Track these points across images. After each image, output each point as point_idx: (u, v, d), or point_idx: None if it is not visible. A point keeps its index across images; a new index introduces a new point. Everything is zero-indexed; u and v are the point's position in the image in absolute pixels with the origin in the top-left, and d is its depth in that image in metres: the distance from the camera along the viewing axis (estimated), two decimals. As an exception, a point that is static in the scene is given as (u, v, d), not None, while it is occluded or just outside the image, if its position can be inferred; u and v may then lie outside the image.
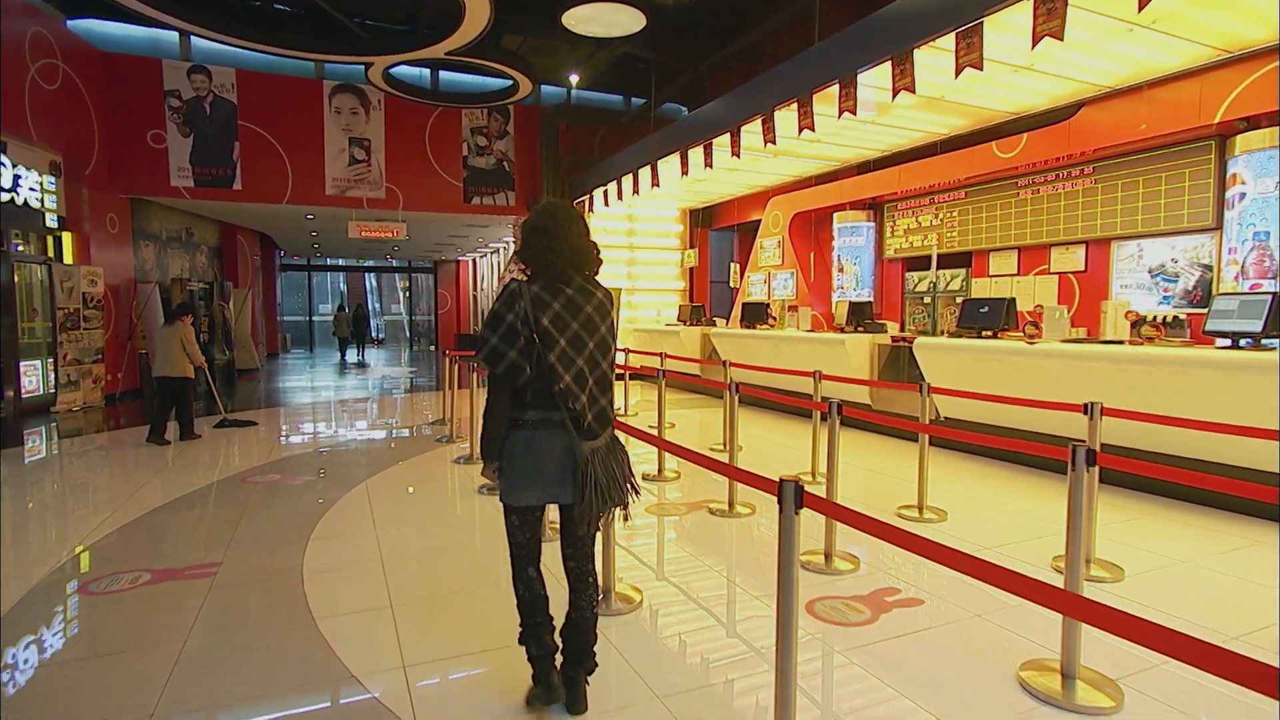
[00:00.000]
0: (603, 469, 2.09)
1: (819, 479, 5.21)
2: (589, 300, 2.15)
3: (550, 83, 13.03)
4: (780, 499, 1.81)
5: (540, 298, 2.06)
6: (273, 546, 3.79)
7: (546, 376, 2.04)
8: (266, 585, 3.27)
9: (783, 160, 9.32)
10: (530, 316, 2.02)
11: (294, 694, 2.37)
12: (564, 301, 2.09)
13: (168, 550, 3.76)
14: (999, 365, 5.52)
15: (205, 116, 10.46)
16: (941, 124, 7.55)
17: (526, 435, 2.08)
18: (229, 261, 14.79)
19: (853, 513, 1.79)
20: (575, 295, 2.12)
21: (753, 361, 8.55)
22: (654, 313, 13.04)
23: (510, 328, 2.03)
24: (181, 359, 6.60)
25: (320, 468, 5.83)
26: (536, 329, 2.02)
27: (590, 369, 2.12)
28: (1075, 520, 2.28)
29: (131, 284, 10.57)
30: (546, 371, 2.04)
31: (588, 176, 11.74)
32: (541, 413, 2.08)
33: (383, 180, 11.67)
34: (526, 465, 2.07)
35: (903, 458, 5.92)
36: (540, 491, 2.09)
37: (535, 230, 2.12)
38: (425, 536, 3.99)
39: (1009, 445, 3.21)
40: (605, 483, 2.08)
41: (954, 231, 8.70)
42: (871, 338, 7.35)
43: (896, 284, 9.82)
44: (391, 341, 27.51)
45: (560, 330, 2.06)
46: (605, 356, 2.18)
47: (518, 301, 2.04)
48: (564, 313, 2.08)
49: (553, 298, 2.08)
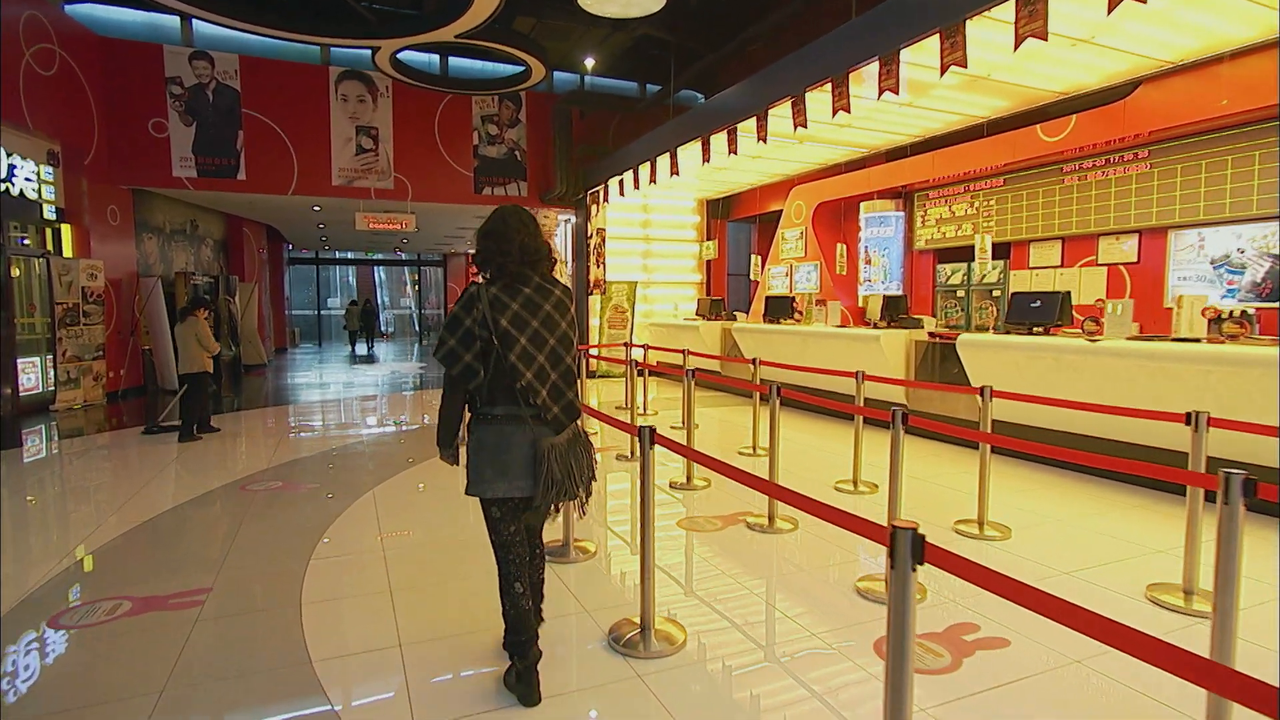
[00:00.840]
0: (560, 464, 2.17)
1: (862, 488, 4.81)
2: (547, 298, 2.23)
3: (563, 69, 12.60)
4: (892, 553, 1.41)
5: (499, 299, 2.15)
6: (268, 569, 3.43)
7: (509, 374, 2.13)
8: (258, 619, 2.91)
9: (808, 147, 8.87)
10: (489, 319, 2.11)
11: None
12: (522, 301, 2.17)
13: (153, 573, 3.41)
14: (1055, 365, 5.09)
15: (208, 104, 10.11)
16: (983, 106, 7.08)
17: (495, 430, 2.17)
18: (235, 255, 14.48)
19: (989, 572, 1.39)
20: (533, 294, 2.20)
21: (778, 358, 8.14)
22: (670, 307, 12.63)
23: (467, 331, 2.12)
24: (199, 354, 6.54)
25: (325, 473, 5.48)
26: (496, 330, 2.11)
27: (552, 364, 2.20)
28: (1227, 566, 1.86)
29: (134, 278, 10.27)
30: (508, 370, 2.12)
31: (602, 166, 11.32)
32: (508, 408, 2.17)
33: (391, 170, 11.30)
34: (494, 459, 2.16)
35: (945, 463, 5.51)
36: (507, 484, 2.17)
37: (486, 234, 2.23)
38: (439, 558, 3.62)
39: (1101, 462, 2.78)
40: (561, 477, 2.17)
41: (991, 221, 8.24)
42: (907, 334, 6.93)
43: (927, 277, 9.36)
44: (400, 335, 27.25)
45: (520, 329, 2.14)
46: (568, 352, 2.27)
47: (476, 305, 2.13)
48: (523, 312, 2.16)
49: (511, 298, 2.16)
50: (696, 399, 7.63)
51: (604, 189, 11.25)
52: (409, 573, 3.36)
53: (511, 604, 2.23)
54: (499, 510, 2.23)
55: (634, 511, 3.08)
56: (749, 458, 5.95)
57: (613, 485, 5.19)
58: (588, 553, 3.69)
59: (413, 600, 3.05)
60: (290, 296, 21.48)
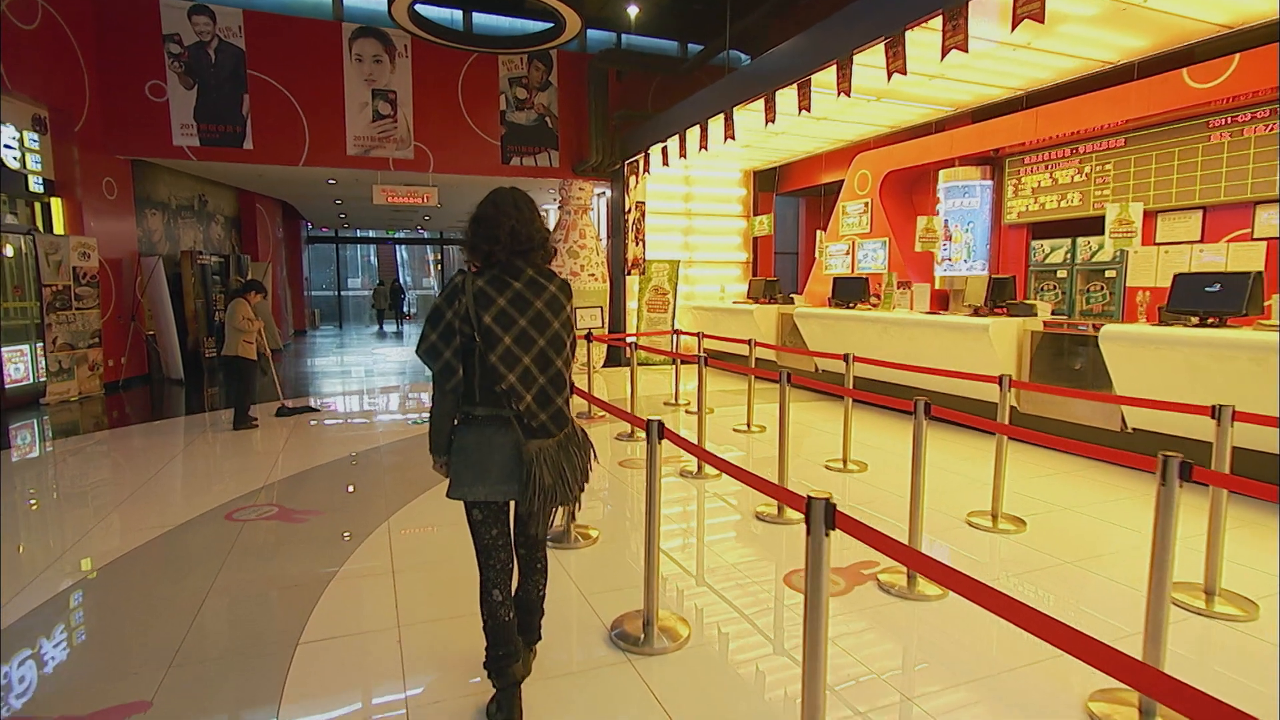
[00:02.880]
0: (550, 468, 2.03)
1: (1003, 525, 3.77)
2: (539, 294, 2.06)
3: (596, 25, 11.45)
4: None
5: (484, 293, 1.99)
6: (234, 667, 2.49)
7: (489, 376, 1.99)
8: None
9: (884, 105, 7.70)
10: (471, 313, 1.96)
11: None
12: (511, 296, 2.01)
13: (76, 674, 2.48)
14: (1251, 368, 3.97)
15: (210, 65, 9.16)
16: (1113, 47, 5.87)
17: (476, 430, 2.04)
18: (248, 233, 13.64)
19: None
20: (524, 289, 2.04)
21: (849, 349, 7.04)
22: (715, 288, 11.54)
23: (449, 325, 1.98)
24: (236, 338, 6.32)
25: (329, 492, 4.57)
26: (478, 327, 1.96)
27: (540, 368, 2.03)
28: None
29: (135, 258, 9.44)
30: (488, 371, 1.98)
31: (642, 132, 10.21)
32: (491, 409, 2.03)
33: (411, 138, 10.30)
34: (473, 461, 2.03)
35: (1077, 482, 4.42)
36: (487, 487, 2.03)
37: (474, 220, 2.07)
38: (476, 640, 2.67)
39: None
40: (550, 482, 2.02)
41: (1106, 189, 7.03)
42: (1020, 322, 5.81)
43: (1018, 254, 8.18)
44: (423, 316, 26.47)
45: (504, 327, 1.98)
46: (559, 354, 2.09)
47: (459, 297, 1.98)
48: (510, 309, 2.00)
49: (498, 292, 2.00)
50: (757, 393, 6.62)
51: (644, 158, 10.15)
52: (428, 661, 2.40)
53: (490, 613, 2.11)
54: (480, 513, 2.09)
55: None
56: (839, 474, 4.92)
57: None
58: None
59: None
60: (310, 277, 20.71)
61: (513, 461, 2.02)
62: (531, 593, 2.29)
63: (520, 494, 2.02)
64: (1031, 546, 3.53)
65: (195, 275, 10.41)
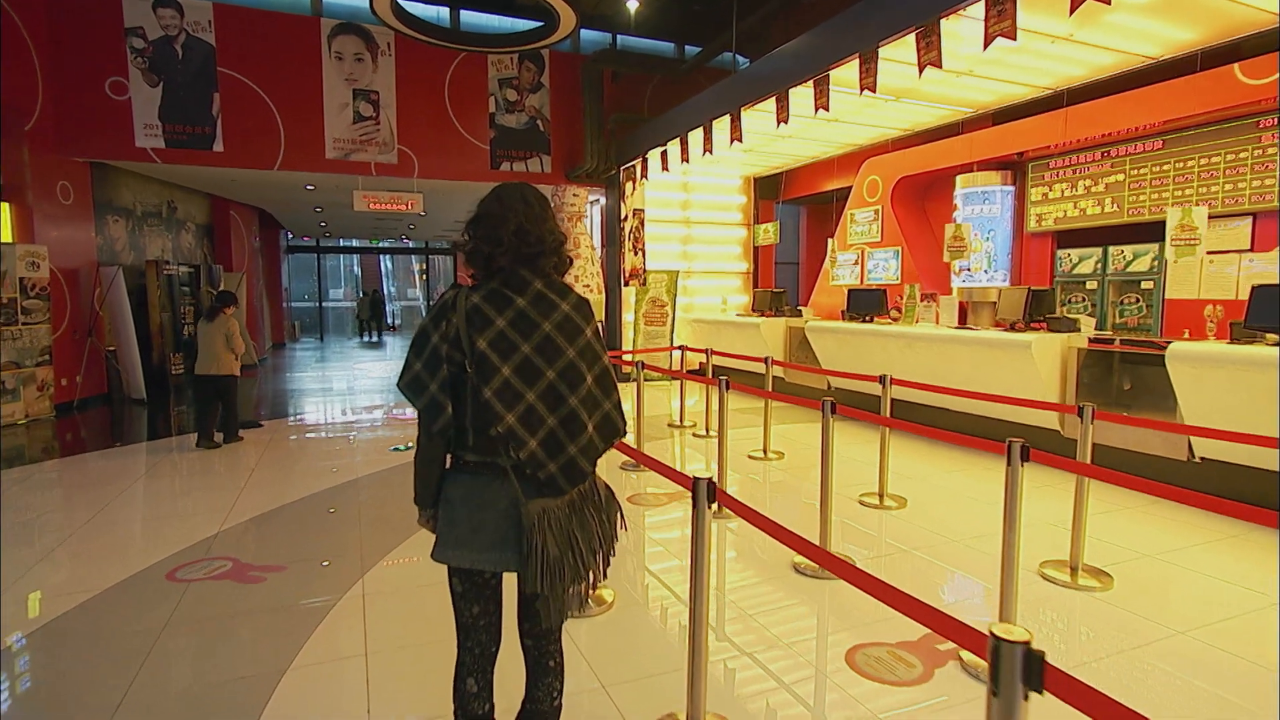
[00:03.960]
0: (557, 536, 1.58)
1: (1084, 580, 3.22)
2: (550, 313, 1.63)
3: (591, 26, 10.95)
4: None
5: (479, 311, 1.59)
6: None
7: (483, 415, 1.57)
8: None
9: (902, 106, 7.21)
10: (463, 336, 1.57)
11: None
12: (513, 316, 1.60)
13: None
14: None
15: (176, 61, 8.53)
16: (1157, 41, 5.40)
17: (466, 480, 1.64)
18: (221, 241, 12.94)
19: None
20: (529, 307, 1.61)
21: (868, 367, 6.53)
22: (717, 299, 11.00)
23: (434, 352, 1.59)
24: (226, 356, 6.09)
25: (294, 540, 3.94)
26: (471, 354, 1.56)
27: (549, 405, 1.60)
28: None
29: (94, 267, 8.74)
30: (482, 409, 1.57)
31: (640, 136, 9.68)
32: (485, 455, 1.62)
33: (394, 142, 9.71)
34: (458, 518, 1.63)
35: (1147, 519, 3.90)
36: (475, 554, 1.62)
37: (473, 219, 1.67)
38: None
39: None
40: (557, 554, 1.57)
41: (1142, 194, 6.58)
42: (1064, 339, 5.31)
43: (1042, 264, 7.71)
44: (408, 328, 25.73)
45: (503, 355, 1.57)
46: (575, 389, 1.63)
47: (447, 316, 1.60)
48: (511, 331, 1.59)
49: (497, 310, 1.59)
50: (756, 412, 6.07)
51: (642, 164, 9.61)
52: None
53: (460, 705, 1.74)
54: (461, 583, 1.70)
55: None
56: (875, 510, 4.36)
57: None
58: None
59: None
60: (289, 288, 19.98)
61: (509, 523, 1.62)
62: (542, 701, 1.82)
63: (519, 567, 1.61)
64: (1127, 609, 2.99)
65: (161, 286, 9.71)
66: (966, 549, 3.69)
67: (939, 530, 3.98)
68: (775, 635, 2.82)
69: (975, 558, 3.57)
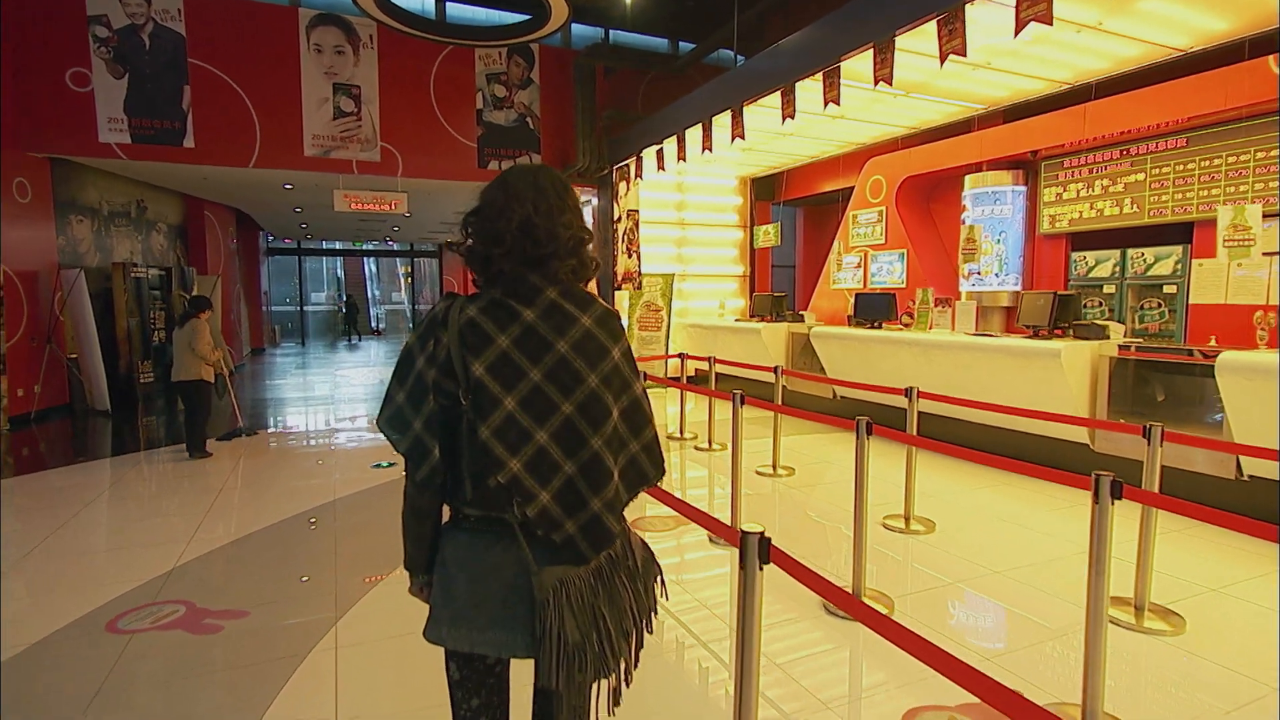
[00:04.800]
0: (578, 616, 1.23)
1: (1150, 622, 2.87)
2: (566, 329, 1.28)
3: (582, 20, 10.58)
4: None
5: (476, 328, 1.23)
6: None
7: (481, 460, 1.22)
8: None
9: (912, 102, 6.91)
10: (455, 360, 1.22)
11: None
12: (519, 334, 1.24)
13: None
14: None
15: (144, 51, 8.05)
16: (1187, 31, 5.12)
17: (465, 540, 1.29)
18: (195, 243, 12.40)
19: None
20: (540, 322, 1.26)
21: (878, 377, 6.19)
22: (713, 303, 10.64)
23: (419, 379, 1.24)
24: (195, 362, 5.90)
25: (264, 575, 3.50)
26: (465, 381, 1.21)
27: (566, 450, 1.25)
28: None
29: (55, 270, 8.22)
30: (480, 453, 1.22)
31: (634, 133, 9.30)
32: (487, 509, 1.27)
33: (377, 139, 9.27)
34: (459, 588, 1.27)
35: (1197, 546, 3.55)
36: (476, 633, 1.25)
37: (473, 211, 1.32)
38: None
39: None
40: (578, 639, 1.22)
41: (1164, 195, 6.29)
42: (1094, 347, 4.98)
43: (1056, 267, 7.41)
44: (393, 332, 25.17)
45: (506, 384, 1.22)
46: (598, 428, 1.27)
47: (436, 334, 1.25)
48: (516, 353, 1.23)
49: (499, 327, 1.24)
50: (761, 421, 5.68)
51: (636, 162, 9.24)
52: None
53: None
54: (459, 669, 1.34)
55: None
56: (902, 535, 4.00)
57: (691, 559, 3.22)
58: None
59: None
60: (269, 291, 19.39)
61: (518, 597, 1.26)
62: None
63: (532, 651, 1.25)
64: (1206, 657, 2.63)
65: (129, 290, 9.17)
66: (1013, 582, 3.33)
67: (977, 559, 3.62)
68: (817, 692, 2.43)
69: (1026, 594, 3.21)
